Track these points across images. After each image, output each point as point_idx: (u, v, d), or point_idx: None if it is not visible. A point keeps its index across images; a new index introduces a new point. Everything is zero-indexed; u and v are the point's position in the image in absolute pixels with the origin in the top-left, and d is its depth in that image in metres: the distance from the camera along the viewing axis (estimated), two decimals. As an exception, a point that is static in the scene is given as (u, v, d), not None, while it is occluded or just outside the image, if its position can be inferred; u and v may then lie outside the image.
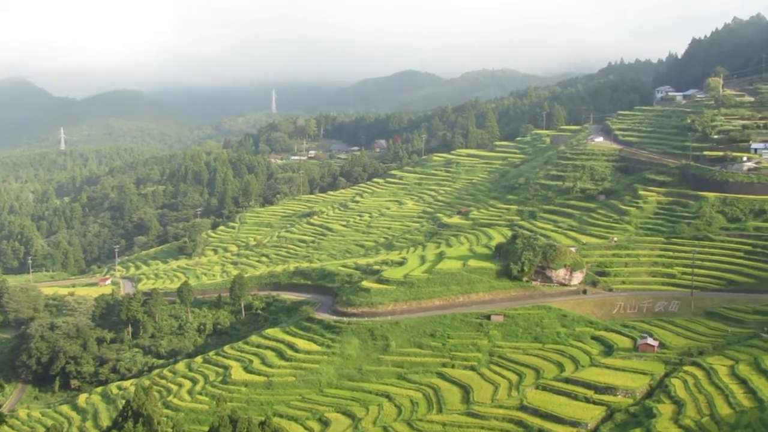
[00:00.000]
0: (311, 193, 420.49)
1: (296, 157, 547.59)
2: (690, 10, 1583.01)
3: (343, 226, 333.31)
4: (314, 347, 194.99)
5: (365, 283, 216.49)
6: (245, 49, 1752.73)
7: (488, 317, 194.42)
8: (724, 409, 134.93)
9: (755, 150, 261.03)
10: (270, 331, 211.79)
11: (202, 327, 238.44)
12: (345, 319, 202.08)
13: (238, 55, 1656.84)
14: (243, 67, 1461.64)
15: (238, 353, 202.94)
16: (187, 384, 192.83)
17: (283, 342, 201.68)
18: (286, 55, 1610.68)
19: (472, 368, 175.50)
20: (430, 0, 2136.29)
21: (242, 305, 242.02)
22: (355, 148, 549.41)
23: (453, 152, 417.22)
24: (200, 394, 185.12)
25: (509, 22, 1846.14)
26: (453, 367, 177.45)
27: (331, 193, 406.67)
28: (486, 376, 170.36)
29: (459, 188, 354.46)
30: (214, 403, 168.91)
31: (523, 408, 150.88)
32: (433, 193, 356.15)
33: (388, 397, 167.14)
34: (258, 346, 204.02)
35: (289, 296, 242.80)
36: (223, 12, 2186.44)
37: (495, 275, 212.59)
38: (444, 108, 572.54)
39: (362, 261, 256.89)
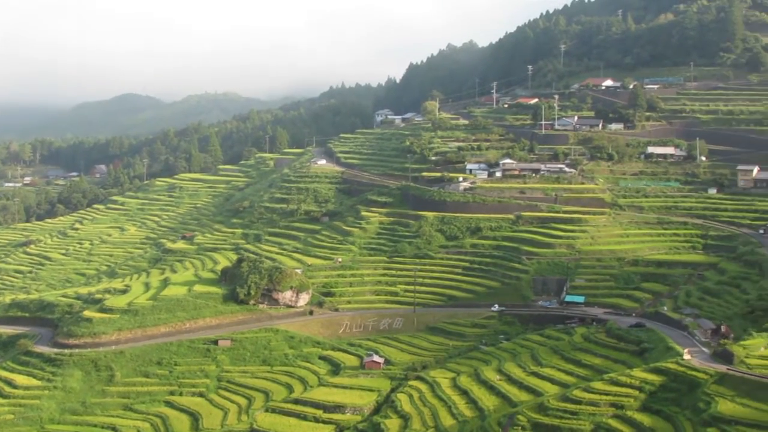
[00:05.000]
0: (27, 221, 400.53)
1: (10, 184, 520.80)
2: (408, 36, 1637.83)
3: (63, 254, 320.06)
4: (34, 382, 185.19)
5: (87, 313, 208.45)
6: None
7: (216, 342, 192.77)
8: (447, 420, 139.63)
9: (470, 170, 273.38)
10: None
11: None
12: (66, 351, 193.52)
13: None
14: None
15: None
16: None
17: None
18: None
19: (201, 395, 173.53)
20: (149, 21, 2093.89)
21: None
22: (74, 173, 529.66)
23: (176, 176, 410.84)
24: None
25: (230, 45, 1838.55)
26: (181, 394, 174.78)
27: (48, 220, 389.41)
28: (215, 402, 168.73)
29: (183, 213, 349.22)
30: None
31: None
32: (156, 219, 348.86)
33: (114, 429, 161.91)
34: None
35: (5, 330, 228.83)
36: None
37: (222, 300, 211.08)
38: (166, 132, 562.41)
39: (84, 290, 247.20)
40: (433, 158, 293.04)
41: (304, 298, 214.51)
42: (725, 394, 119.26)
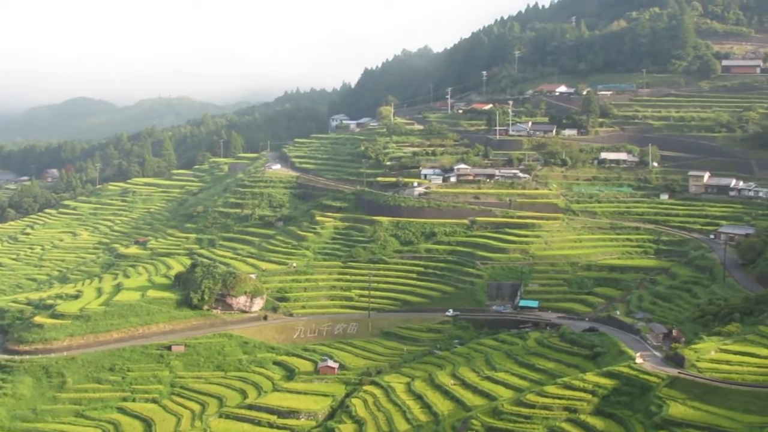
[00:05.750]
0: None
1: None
2: (363, 42, 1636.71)
3: (13, 259, 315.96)
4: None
5: (38, 319, 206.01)
6: None
7: (169, 348, 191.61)
8: (402, 425, 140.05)
9: (425, 175, 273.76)
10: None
11: None
12: (17, 357, 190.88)
13: None
14: None
15: None
16: None
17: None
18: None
19: (154, 401, 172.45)
20: (100, 24, 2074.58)
21: None
22: (25, 178, 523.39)
23: (129, 181, 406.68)
24: None
25: (184, 49, 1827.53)
26: (134, 400, 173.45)
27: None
28: (168, 408, 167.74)
29: (136, 218, 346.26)
30: None
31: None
32: (109, 224, 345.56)
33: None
34: None
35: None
36: None
37: (175, 305, 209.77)
38: (119, 136, 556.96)
39: (35, 296, 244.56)
40: (388, 163, 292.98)
41: (258, 304, 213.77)
42: (677, 398, 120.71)
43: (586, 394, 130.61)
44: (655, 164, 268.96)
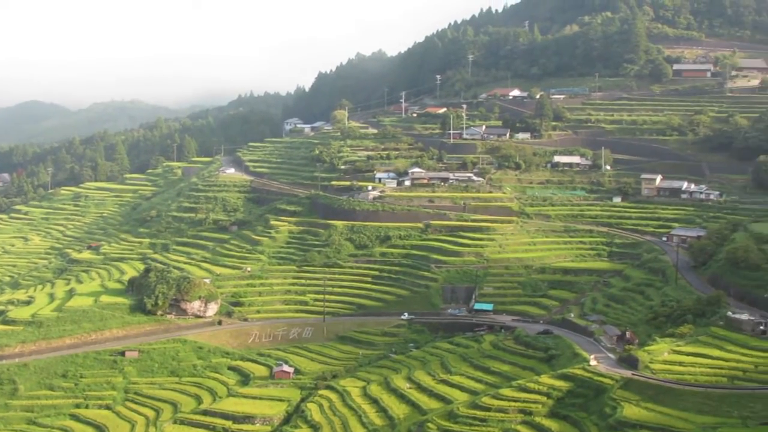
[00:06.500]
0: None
1: None
2: (317, 46, 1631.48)
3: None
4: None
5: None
6: None
7: (123, 353, 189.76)
8: (358, 429, 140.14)
9: (379, 179, 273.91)
10: None
11: None
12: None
13: None
14: None
15: None
16: None
17: None
18: None
19: (108, 407, 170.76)
20: (53, 28, 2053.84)
21: None
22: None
23: (82, 185, 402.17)
24: None
25: (137, 52, 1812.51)
26: (87, 407, 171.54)
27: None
28: (122, 415, 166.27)
29: (89, 222, 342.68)
30: None
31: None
32: (61, 228, 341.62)
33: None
34: None
35: None
36: None
37: (129, 310, 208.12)
38: (71, 140, 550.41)
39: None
40: (343, 167, 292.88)
41: (212, 308, 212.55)
42: (630, 399, 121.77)
43: (541, 396, 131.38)
44: (608, 167, 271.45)
